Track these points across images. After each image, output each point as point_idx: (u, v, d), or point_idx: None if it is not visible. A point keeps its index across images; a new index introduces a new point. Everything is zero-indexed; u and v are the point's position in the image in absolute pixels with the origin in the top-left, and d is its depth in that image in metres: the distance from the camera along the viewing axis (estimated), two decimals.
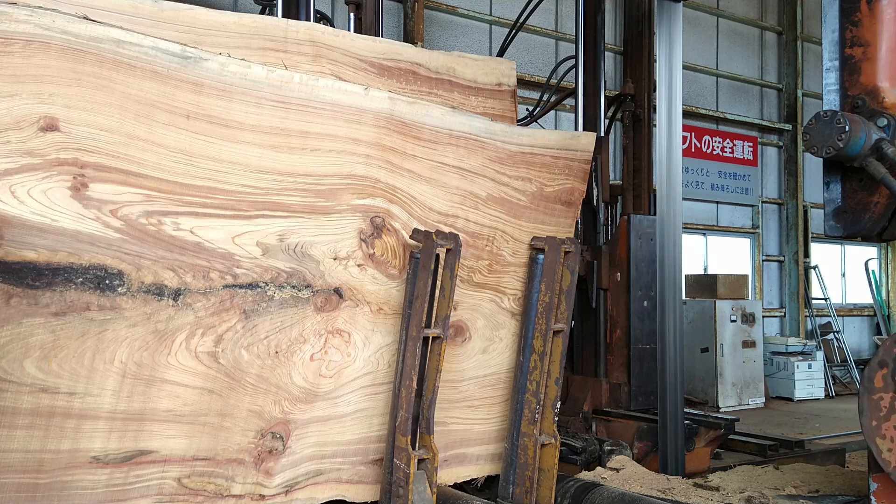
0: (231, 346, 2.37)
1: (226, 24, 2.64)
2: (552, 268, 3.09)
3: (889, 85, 3.11)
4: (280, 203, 2.44)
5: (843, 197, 3.21)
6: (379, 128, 2.58)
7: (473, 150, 2.82)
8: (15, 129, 1.98)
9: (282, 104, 2.36)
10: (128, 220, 2.17)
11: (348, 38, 2.96)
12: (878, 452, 2.84)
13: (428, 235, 2.69)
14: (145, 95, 2.14)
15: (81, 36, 2.04)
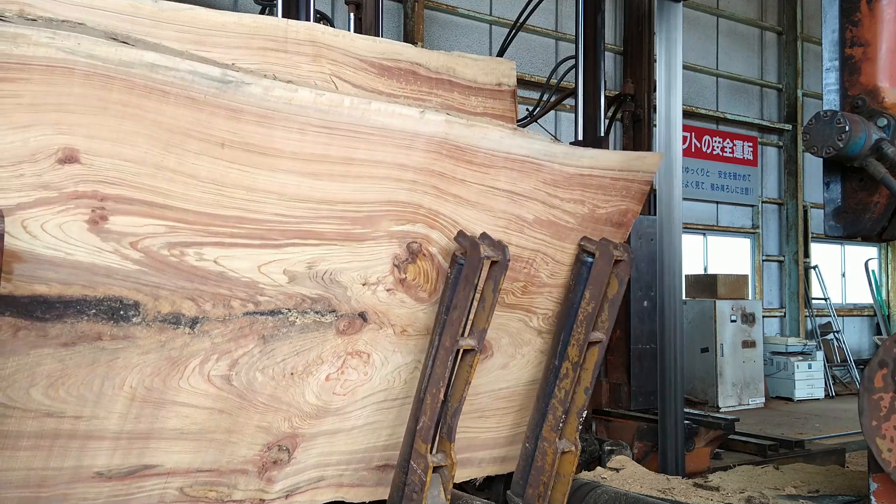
0: (246, 369, 2.30)
1: (226, 24, 2.63)
2: (600, 276, 2.84)
3: (889, 85, 3.11)
4: (313, 231, 2.27)
5: (843, 197, 3.21)
6: (430, 152, 2.36)
7: (528, 172, 2.62)
8: (30, 161, 1.81)
9: (327, 130, 2.16)
10: (148, 252, 2.02)
11: (348, 39, 2.96)
12: (878, 452, 2.84)
13: (475, 244, 2.50)
14: (178, 123, 1.94)
15: (110, 60, 1.83)
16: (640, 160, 2.96)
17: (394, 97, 2.99)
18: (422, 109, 2.33)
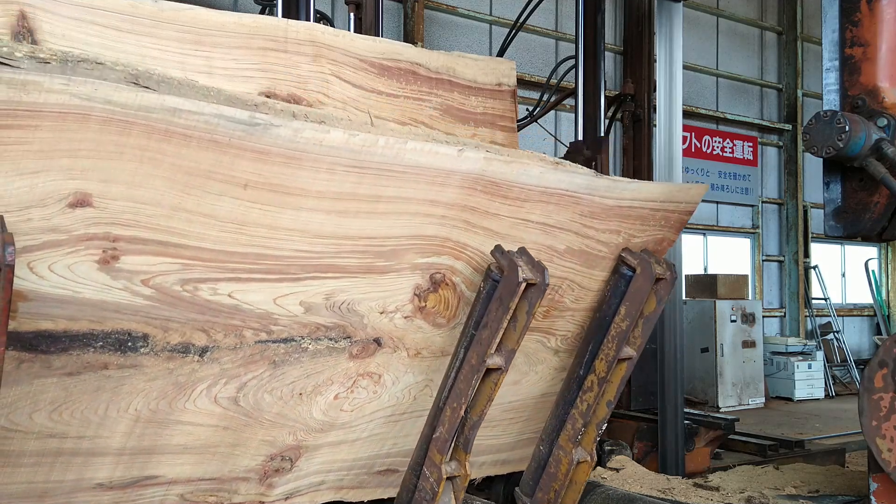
0: (254, 391, 2.27)
1: (226, 24, 2.63)
2: (639, 293, 2.67)
3: (889, 85, 3.12)
4: (334, 265, 2.19)
5: (843, 197, 3.21)
6: (464, 188, 2.26)
7: (565, 205, 2.51)
8: (38, 206, 1.71)
9: (358, 169, 2.05)
10: (160, 289, 1.96)
11: (348, 38, 2.96)
12: (878, 452, 2.84)
13: (513, 265, 2.35)
14: (199, 166, 1.84)
15: (129, 106, 1.69)
16: (684, 192, 2.85)
17: (394, 97, 2.99)
18: (460, 147, 2.20)
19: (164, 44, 2.46)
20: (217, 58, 2.56)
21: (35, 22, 2.24)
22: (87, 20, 2.34)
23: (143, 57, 2.42)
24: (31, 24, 2.24)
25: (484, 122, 3.29)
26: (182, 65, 2.49)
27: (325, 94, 2.79)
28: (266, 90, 2.65)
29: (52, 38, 2.26)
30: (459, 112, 3.20)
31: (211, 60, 2.55)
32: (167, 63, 2.46)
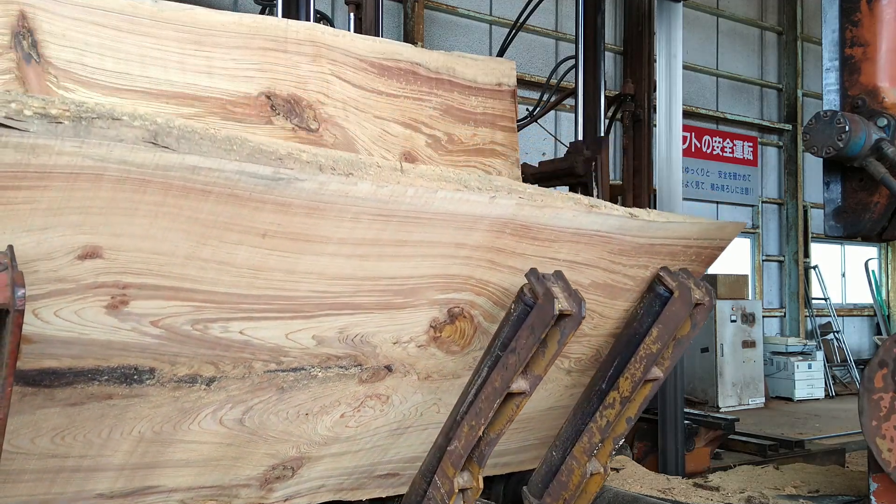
0: (260, 413, 2.25)
1: (226, 24, 2.63)
2: (675, 318, 2.54)
3: (889, 85, 3.12)
4: (351, 303, 2.14)
5: (843, 197, 3.21)
6: (493, 231, 2.19)
7: (595, 245, 2.43)
8: (45, 259, 1.65)
9: (384, 217, 1.99)
10: (169, 328, 1.91)
11: (348, 38, 2.96)
12: (878, 452, 2.84)
13: (548, 295, 2.23)
14: (217, 219, 1.76)
15: (146, 165, 1.61)
16: (719, 230, 2.76)
17: (394, 97, 2.99)
18: (493, 194, 2.11)
19: (164, 44, 2.46)
20: (217, 58, 2.56)
21: (35, 22, 2.25)
22: (87, 20, 2.34)
23: (143, 57, 2.42)
24: (31, 24, 2.24)
25: (484, 122, 3.29)
26: (182, 65, 2.49)
27: (325, 94, 2.79)
28: (266, 90, 2.65)
29: (52, 37, 2.27)
30: (459, 112, 3.20)
31: (211, 60, 2.55)
32: (167, 63, 2.46)
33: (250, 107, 2.62)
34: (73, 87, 2.29)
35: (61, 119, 1.49)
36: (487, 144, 3.30)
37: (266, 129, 2.64)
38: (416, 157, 3.04)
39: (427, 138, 3.09)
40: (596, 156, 5.37)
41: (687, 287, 2.56)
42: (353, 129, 2.86)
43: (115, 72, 2.37)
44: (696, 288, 2.57)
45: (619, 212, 2.45)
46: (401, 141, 3.00)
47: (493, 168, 3.32)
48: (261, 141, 1.77)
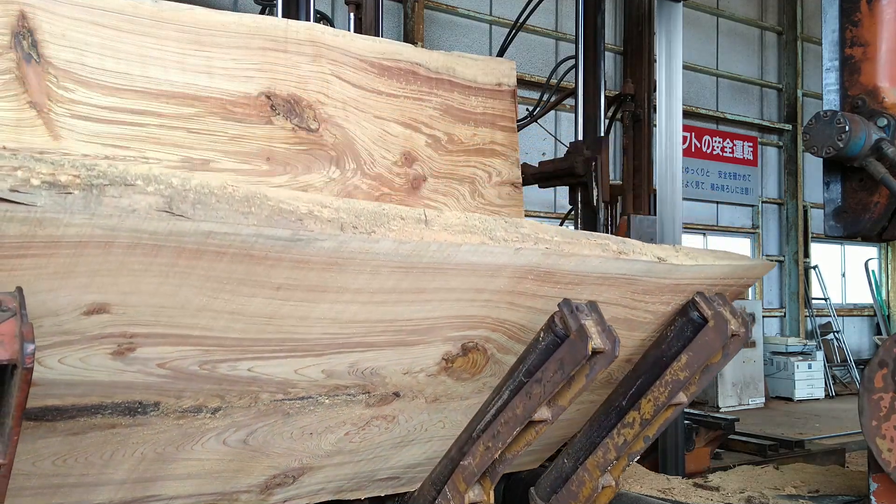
0: (264, 434, 2.23)
1: (226, 24, 2.63)
2: (708, 348, 2.41)
3: (889, 85, 3.12)
4: (363, 342, 2.10)
5: (843, 197, 3.21)
6: (515, 278, 2.16)
7: (619, 286, 2.35)
8: (50, 315, 1.60)
9: (404, 269, 1.93)
10: (176, 369, 1.87)
11: (348, 38, 2.95)
12: (878, 452, 2.84)
13: (582, 332, 2.11)
14: (231, 276, 1.74)
15: (159, 233, 1.54)
16: (749, 269, 2.67)
17: (394, 97, 2.99)
18: (518, 246, 2.03)
19: (164, 44, 2.46)
20: (217, 58, 2.56)
21: (35, 22, 2.24)
22: (87, 20, 2.34)
23: (143, 57, 2.42)
24: (31, 24, 2.24)
25: (484, 122, 3.29)
26: (182, 65, 2.49)
27: (325, 94, 2.79)
28: (266, 90, 2.65)
29: (52, 37, 2.26)
30: (459, 112, 3.20)
31: (211, 60, 2.55)
32: (167, 63, 2.46)
33: (250, 107, 2.62)
34: (73, 86, 2.29)
35: (71, 188, 1.39)
36: (487, 144, 3.30)
37: (266, 129, 2.64)
38: (416, 158, 3.04)
39: (427, 138, 3.09)
40: (596, 156, 5.37)
41: (723, 317, 2.42)
42: (353, 129, 2.86)
43: (116, 72, 2.37)
44: (732, 317, 2.44)
45: (647, 256, 2.33)
46: (401, 141, 3.00)
47: (493, 168, 3.32)
48: (281, 197, 1.68)
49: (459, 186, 3.19)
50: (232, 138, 2.57)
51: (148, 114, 2.41)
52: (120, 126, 2.36)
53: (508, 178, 3.39)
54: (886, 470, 2.83)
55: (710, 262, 2.50)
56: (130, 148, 2.38)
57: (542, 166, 5.77)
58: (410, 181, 3.02)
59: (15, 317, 1.39)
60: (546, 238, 2.11)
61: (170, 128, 2.45)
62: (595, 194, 5.61)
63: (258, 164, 2.61)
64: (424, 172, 3.07)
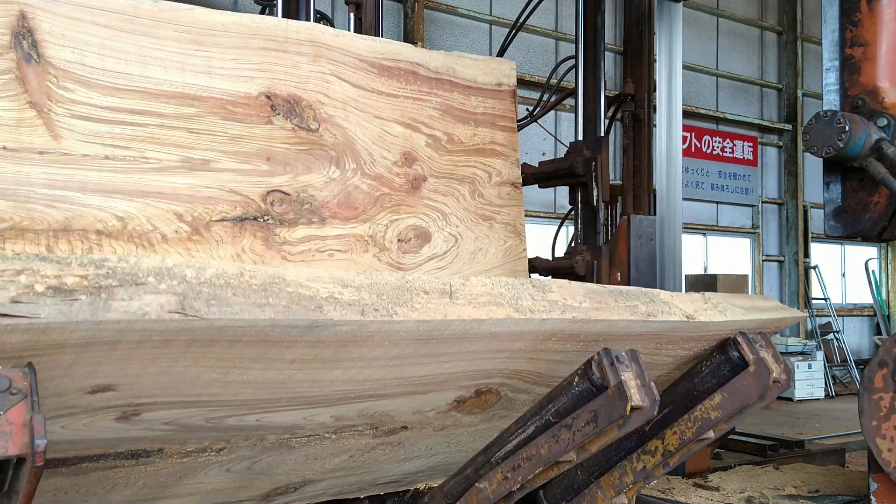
0: (268, 462, 2.23)
1: (226, 24, 2.63)
2: (744, 393, 2.30)
3: (889, 85, 3.12)
4: (376, 394, 2.07)
5: (843, 197, 3.21)
6: (539, 340, 2.07)
7: (643, 340, 2.28)
8: (53, 396, 1.54)
9: (424, 340, 1.89)
10: (182, 425, 1.85)
11: (348, 38, 2.95)
12: (878, 452, 2.84)
13: (622, 389, 1.99)
14: (244, 356, 1.68)
15: (169, 331, 1.48)
16: (778, 322, 2.59)
17: (394, 97, 2.99)
18: (545, 316, 1.95)
19: (163, 44, 2.47)
20: (217, 58, 2.56)
21: (35, 22, 2.25)
22: (87, 20, 2.34)
23: (144, 57, 2.42)
24: (31, 24, 2.24)
25: (484, 122, 3.29)
26: (182, 65, 2.49)
27: (325, 94, 2.79)
28: (266, 90, 2.65)
29: (52, 37, 2.27)
30: (459, 112, 3.20)
31: (211, 60, 2.55)
32: (167, 63, 2.46)
33: (250, 107, 2.62)
34: (73, 86, 2.29)
35: (77, 292, 1.30)
36: (487, 144, 3.30)
37: (266, 129, 2.64)
38: (416, 158, 3.04)
39: (427, 138, 3.09)
40: (596, 156, 5.37)
41: (765, 363, 2.30)
42: (353, 129, 2.86)
43: (116, 72, 2.37)
44: (774, 363, 2.32)
45: (676, 316, 2.23)
46: (401, 141, 3.00)
47: (493, 168, 3.32)
48: (301, 280, 1.61)
49: (459, 186, 3.20)
50: (232, 138, 2.57)
51: (148, 114, 2.41)
52: (120, 126, 2.36)
53: (508, 178, 3.39)
54: (886, 470, 2.83)
55: (740, 316, 2.39)
56: (130, 148, 2.38)
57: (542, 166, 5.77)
58: (410, 181, 3.03)
59: (25, 400, 1.26)
60: (574, 305, 2.03)
61: (170, 128, 2.46)
62: (595, 194, 5.62)
63: (258, 163, 2.61)
64: (424, 172, 3.07)
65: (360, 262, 2.84)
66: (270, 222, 2.64)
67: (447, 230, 3.14)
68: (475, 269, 3.22)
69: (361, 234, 2.86)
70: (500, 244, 3.34)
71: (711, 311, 2.33)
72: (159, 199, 2.42)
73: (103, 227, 2.30)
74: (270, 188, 2.65)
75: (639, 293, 2.22)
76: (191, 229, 2.47)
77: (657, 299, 2.24)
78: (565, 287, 2.08)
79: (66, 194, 2.25)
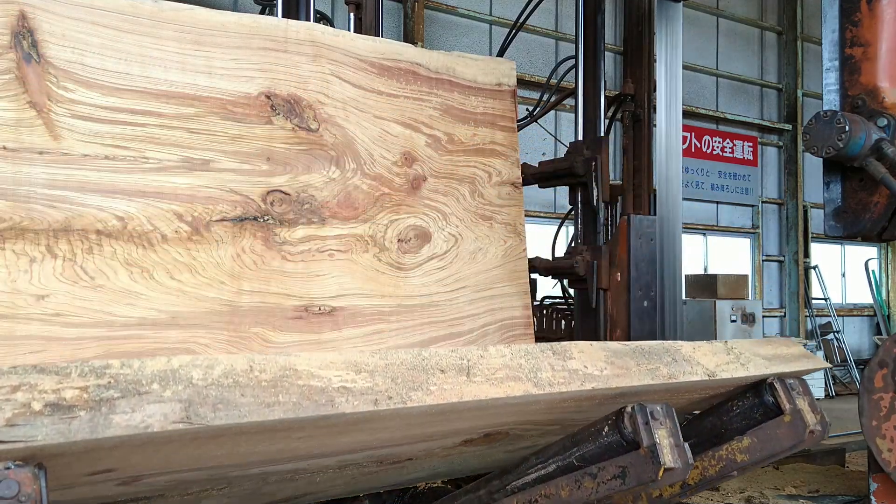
0: (271, 488, 2.24)
1: (226, 24, 2.63)
2: (776, 442, 2.20)
3: (889, 85, 3.11)
4: (385, 446, 2.08)
5: (843, 197, 3.21)
6: (555, 403, 2.05)
7: (662, 394, 2.27)
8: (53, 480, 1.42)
9: (438, 415, 1.89)
10: (183, 480, 1.87)
11: (348, 38, 2.96)
12: (878, 452, 2.84)
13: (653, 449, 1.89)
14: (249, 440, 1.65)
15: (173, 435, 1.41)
16: (804, 372, 2.53)
17: (394, 97, 3.00)
18: (564, 388, 1.90)
19: (163, 44, 2.47)
20: (217, 58, 2.56)
21: (35, 22, 2.25)
22: (87, 20, 2.34)
23: (144, 57, 2.43)
24: (31, 24, 2.24)
25: (484, 122, 3.29)
26: (182, 65, 2.49)
27: (325, 94, 2.79)
28: (266, 90, 2.66)
29: (52, 37, 2.27)
30: (459, 112, 3.20)
31: (211, 60, 2.55)
32: (167, 63, 2.47)
33: (250, 107, 2.62)
34: (73, 87, 2.29)
35: (77, 408, 1.24)
36: (487, 144, 3.30)
37: (266, 129, 2.64)
38: (416, 158, 3.05)
39: (427, 138, 3.09)
40: (596, 156, 5.37)
41: (801, 415, 2.20)
42: (353, 129, 2.86)
43: (116, 72, 2.37)
44: (811, 412, 2.22)
45: (698, 376, 2.17)
46: (401, 141, 3.00)
47: (493, 168, 3.32)
48: (312, 369, 1.57)
49: (459, 186, 3.20)
50: (232, 138, 2.57)
51: (148, 114, 2.42)
52: (120, 126, 2.36)
53: (508, 178, 3.39)
54: (886, 470, 2.83)
55: (762, 370, 2.33)
56: (130, 148, 2.38)
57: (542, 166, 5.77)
58: (410, 181, 3.03)
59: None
60: (595, 374, 1.95)
61: (170, 128, 2.46)
62: (595, 194, 5.62)
63: (258, 163, 2.62)
64: (424, 172, 3.07)
65: (360, 262, 2.84)
66: (270, 222, 2.64)
67: (447, 230, 3.14)
68: (475, 268, 3.23)
69: (361, 234, 2.86)
70: (501, 244, 3.35)
71: (733, 365, 2.25)
72: (159, 199, 2.42)
73: (103, 227, 2.31)
74: (270, 188, 2.65)
75: (661, 351, 2.14)
76: (191, 229, 2.47)
77: (679, 357, 2.16)
78: (586, 352, 2.01)
79: (66, 194, 2.25)
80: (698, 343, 2.25)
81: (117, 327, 2.30)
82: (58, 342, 2.19)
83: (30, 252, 2.17)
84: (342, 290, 2.78)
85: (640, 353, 2.08)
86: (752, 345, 2.40)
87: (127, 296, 2.33)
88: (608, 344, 2.09)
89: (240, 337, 2.51)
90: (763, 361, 2.34)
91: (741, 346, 2.34)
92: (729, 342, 2.33)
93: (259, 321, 2.57)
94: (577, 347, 2.01)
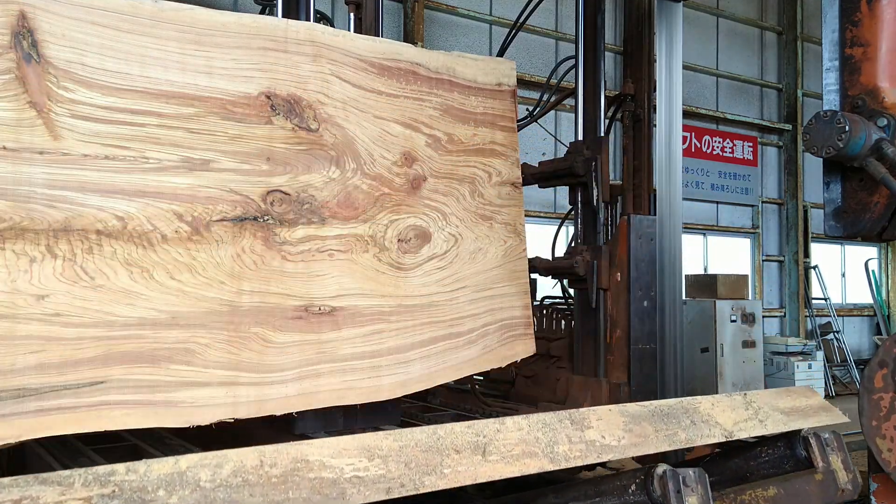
0: None
1: (226, 24, 2.63)
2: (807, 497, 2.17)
3: (889, 85, 3.11)
4: None
5: (843, 197, 3.21)
6: None
7: None
8: None
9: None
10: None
11: (348, 38, 2.96)
12: (878, 452, 2.84)
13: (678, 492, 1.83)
14: None
15: None
16: (823, 427, 2.51)
17: (394, 97, 3.00)
18: (580, 464, 1.87)
19: (163, 44, 2.47)
20: (217, 58, 2.56)
21: (35, 22, 2.25)
22: (87, 20, 2.34)
23: (144, 57, 2.43)
24: (31, 24, 2.24)
25: (484, 122, 3.29)
26: (182, 65, 2.49)
27: (325, 94, 2.80)
28: (266, 90, 2.66)
29: (52, 37, 2.27)
30: (459, 112, 3.20)
31: (211, 60, 2.55)
32: (167, 63, 2.47)
33: (250, 107, 2.62)
34: (73, 87, 2.29)
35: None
36: (487, 144, 3.31)
37: (266, 129, 2.65)
38: (416, 158, 3.05)
39: (427, 138, 3.09)
40: (596, 156, 5.37)
41: (833, 475, 2.17)
42: (353, 129, 2.86)
43: (116, 72, 2.37)
44: (844, 471, 2.20)
45: (716, 437, 2.13)
46: (401, 141, 3.00)
47: (493, 168, 3.32)
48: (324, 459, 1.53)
49: (459, 186, 3.20)
50: (232, 138, 2.58)
51: (148, 114, 2.42)
52: (120, 126, 2.37)
53: (508, 178, 3.39)
54: (886, 470, 2.83)
55: (780, 427, 2.30)
56: (130, 148, 2.38)
57: (542, 166, 5.76)
58: (410, 181, 3.03)
59: None
60: (612, 445, 1.92)
61: (170, 128, 2.46)
62: (595, 194, 5.61)
63: (258, 163, 2.62)
64: (424, 172, 3.07)
65: (360, 262, 2.85)
66: (270, 222, 2.64)
67: (447, 230, 3.14)
68: (475, 268, 3.23)
69: (361, 234, 2.86)
70: (501, 244, 3.35)
71: (752, 423, 2.21)
72: (159, 199, 2.43)
73: (103, 227, 2.31)
74: (270, 188, 2.65)
75: (680, 412, 2.09)
76: (191, 229, 2.47)
77: (697, 418, 2.10)
78: (605, 419, 1.95)
79: (66, 194, 2.25)
80: (717, 397, 2.19)
81: (117, 327, 2.30)
82: (57, 342, 2.19)
83: (30, 252, 2.18)
84: (342, 290, 2.79)
85: (659, 415, 2.05)
86: (771, 397, 2.34)
87: (127, 296, 2.33)
88: (627, 407, 2.03)
89: (240, 337, 2.52)
90: (781, 417, 2.28)
91: (760, 399, 2.29)
92: (748, 395, 2.26)
93: (259, 321, 2.57)
94: (596, 415, 1.96)
